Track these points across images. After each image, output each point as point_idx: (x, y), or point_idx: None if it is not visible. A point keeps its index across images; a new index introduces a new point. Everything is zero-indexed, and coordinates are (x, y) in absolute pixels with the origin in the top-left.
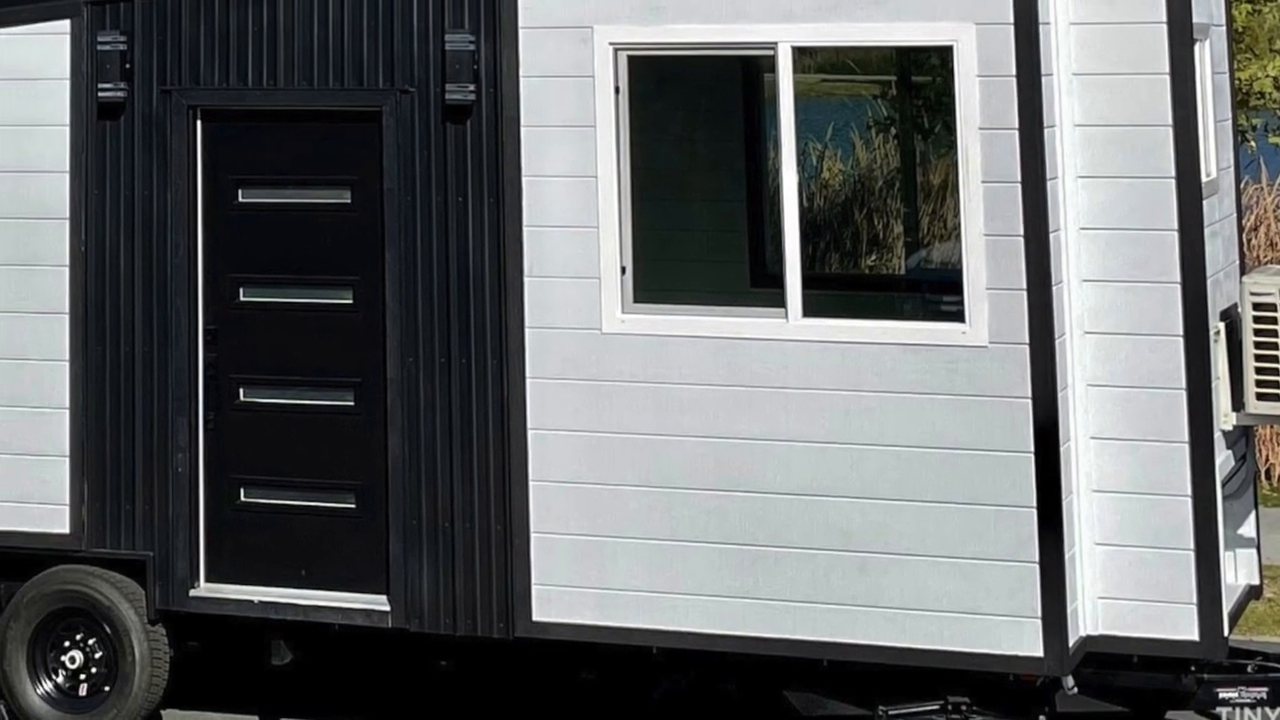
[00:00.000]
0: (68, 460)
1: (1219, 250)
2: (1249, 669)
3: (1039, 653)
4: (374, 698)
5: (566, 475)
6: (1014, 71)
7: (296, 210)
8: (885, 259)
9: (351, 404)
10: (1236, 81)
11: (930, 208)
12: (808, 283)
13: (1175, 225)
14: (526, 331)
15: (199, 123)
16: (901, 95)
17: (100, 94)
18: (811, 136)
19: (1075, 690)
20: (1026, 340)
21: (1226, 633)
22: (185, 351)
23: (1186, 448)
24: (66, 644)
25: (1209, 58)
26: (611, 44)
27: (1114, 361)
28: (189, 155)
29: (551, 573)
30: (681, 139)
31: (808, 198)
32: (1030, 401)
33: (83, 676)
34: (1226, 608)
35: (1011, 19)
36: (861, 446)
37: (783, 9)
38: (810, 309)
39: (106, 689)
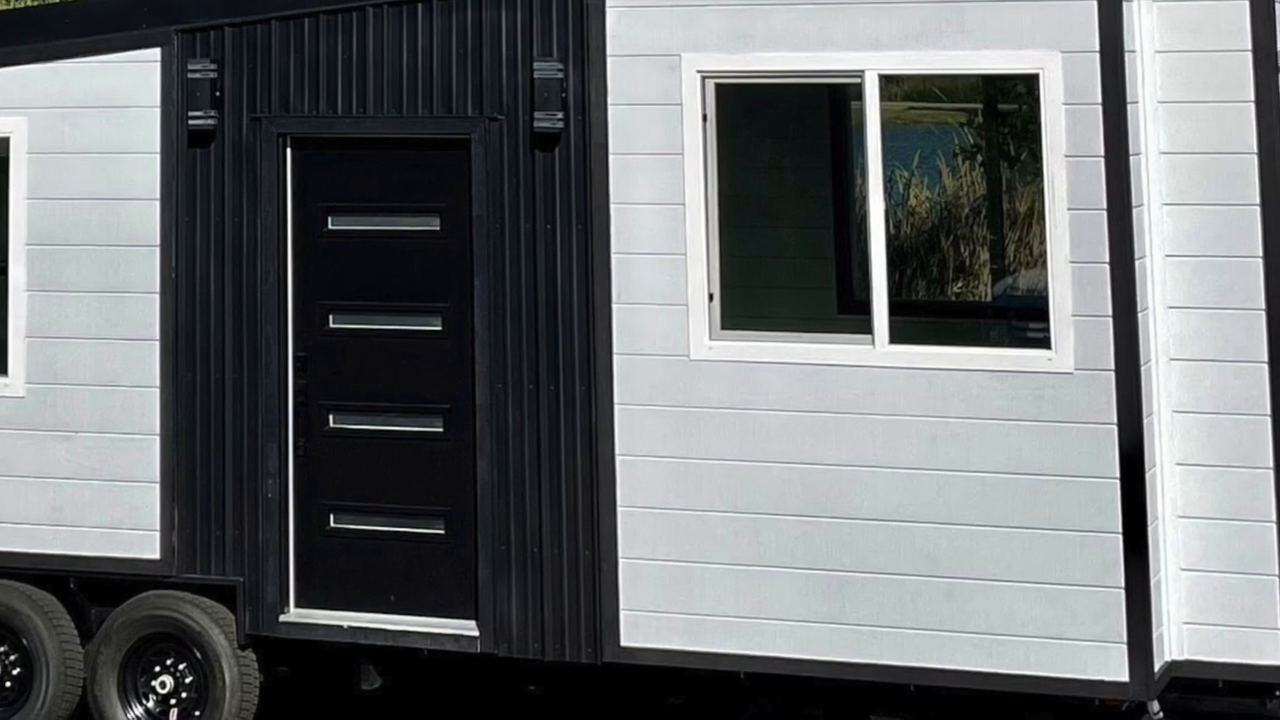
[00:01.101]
0: (158, 486)
1: None
2: None
3: (1124, 678)
4: None
5: (654, 501)
6: (1100, 99)
7: (386, 237)
8: (971, 286)
9: (440, 430)
10: None
11: (1016, 235)
12: (894, 309)
13: (1260, 252)
14: (615, 358)
15: (289, 150)
16: (988, 123)
17: (190, 122)
18: (898, 164)
19: (1160, 715)
20: (1112, 367)
21: None
22: (275, 378)
23: (1271, 473)
24: (157, 669)
25: None
26: (699, 72)
27: (1199, 388)
28: (279, 182)
29: (639, 598)
30: (769, 166)
31: (894, 225)
32: (1116, 428)
33: (173, 701)
34: None
35: (1097, 47)
36: (948, 472)
37: (870, 37)
38: (897, 336)
39: (197, 714)
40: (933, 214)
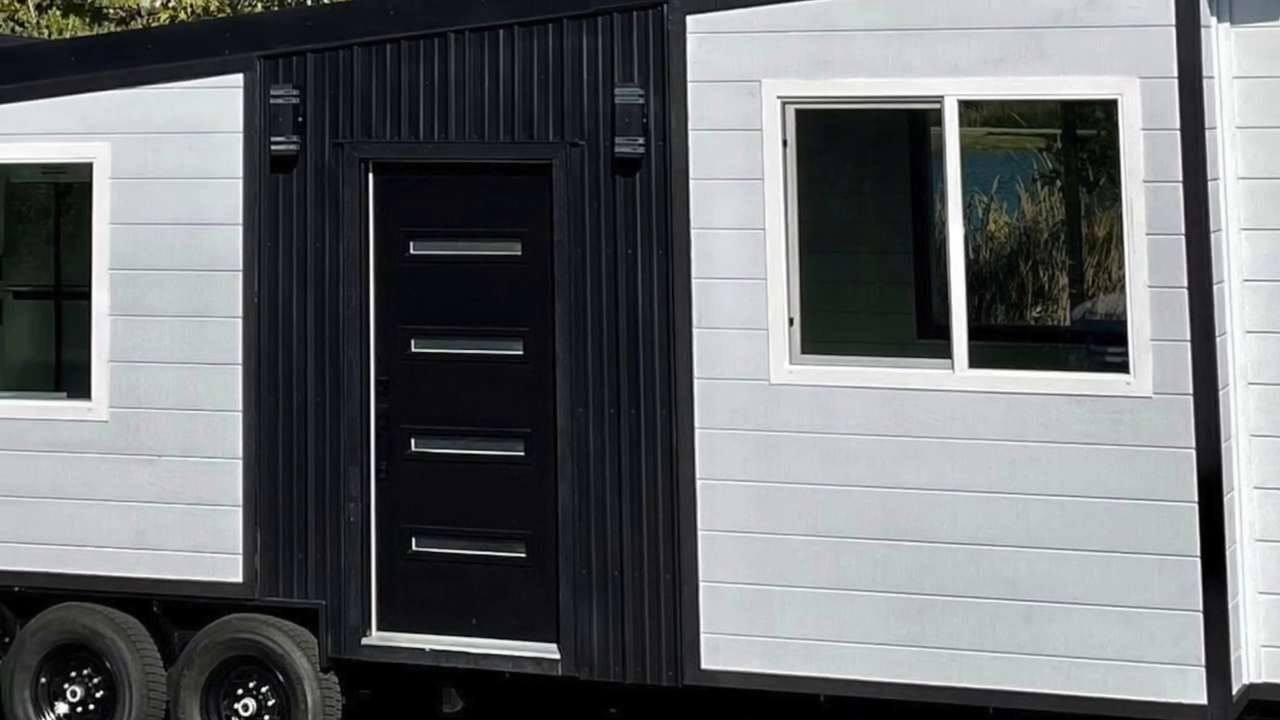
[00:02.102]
0: (241, 510)
1: None
2: None
3: (1203, 700)
4: None
5: (735, 524)
6: (1178, 125)
7: (467, 262)
8: (1050, 310)
9: (522, 454)
10: None
11: (1095, 260)
12: (974, 334)
13: None
14: (695, 382)
15: (370, 175)
16: (1066, 148)
17: (273, 147)
18: (978, 189)
19: None
20: (1190, 391)
21: None
22: (357, 402)
23: None
24: (240, 691)
25: None
26: (779, 97)
27: (1276, 412)
28: (361, 208)
29: (720, 621)
30: (849, 191)
31: (974, 250)
32: (1194, 452)
33: None
34: None
35: (1176, 73)
36: (1027, 496)
37: (949, 63)
38: (976, 360)
39: None
40: (1012, 239)
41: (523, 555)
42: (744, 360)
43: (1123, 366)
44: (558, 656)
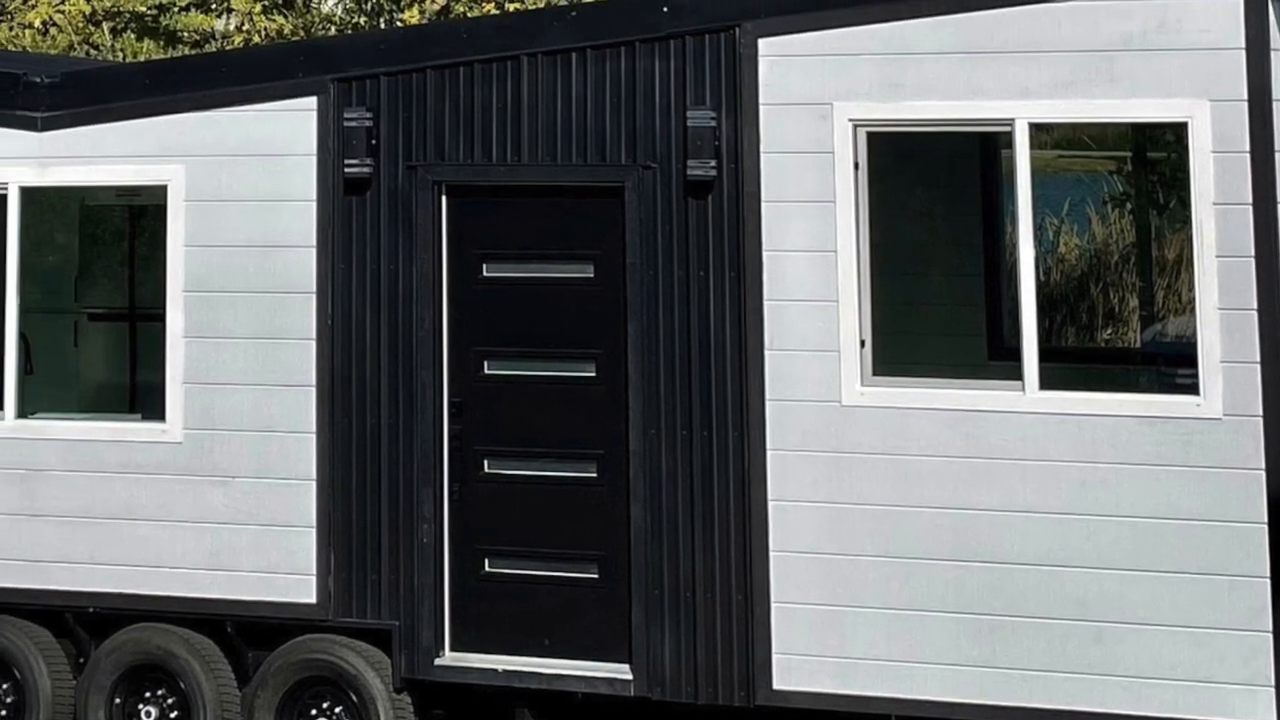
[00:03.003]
0: (314, 531)
1: None
2: None
3: None
4: None
5: (806, 545)
6: (1248, 147)
7: (540, 284)
8: (1120, 332)
9: (594, 475)
10: None
11: (1165, 282)
12: (1044, 356)
13: None
14: (767, 404)
15: (444, 198)
16: (1137, 171)
17: (346, 169)
18: (1048, 211)
19: None
20: (1260, 413)
21: None
22: (431, 423)
23: None
24: (313, 712)
25: None
26: (851, 120)
27: None
28: (434, 230)
29: (792, 641)
30: (920, 214)
31: (1044, 272)
32: (1264, 473)
33: None
34: None
35: (1245, 95)
36: (1097, 517)
37: (1019, 86)
38: (1047, 382)
39: None
40: (1082, 261)
41: (595, 576)
42: (815, 382)
43: (1193, 388)
44: (630, 677)
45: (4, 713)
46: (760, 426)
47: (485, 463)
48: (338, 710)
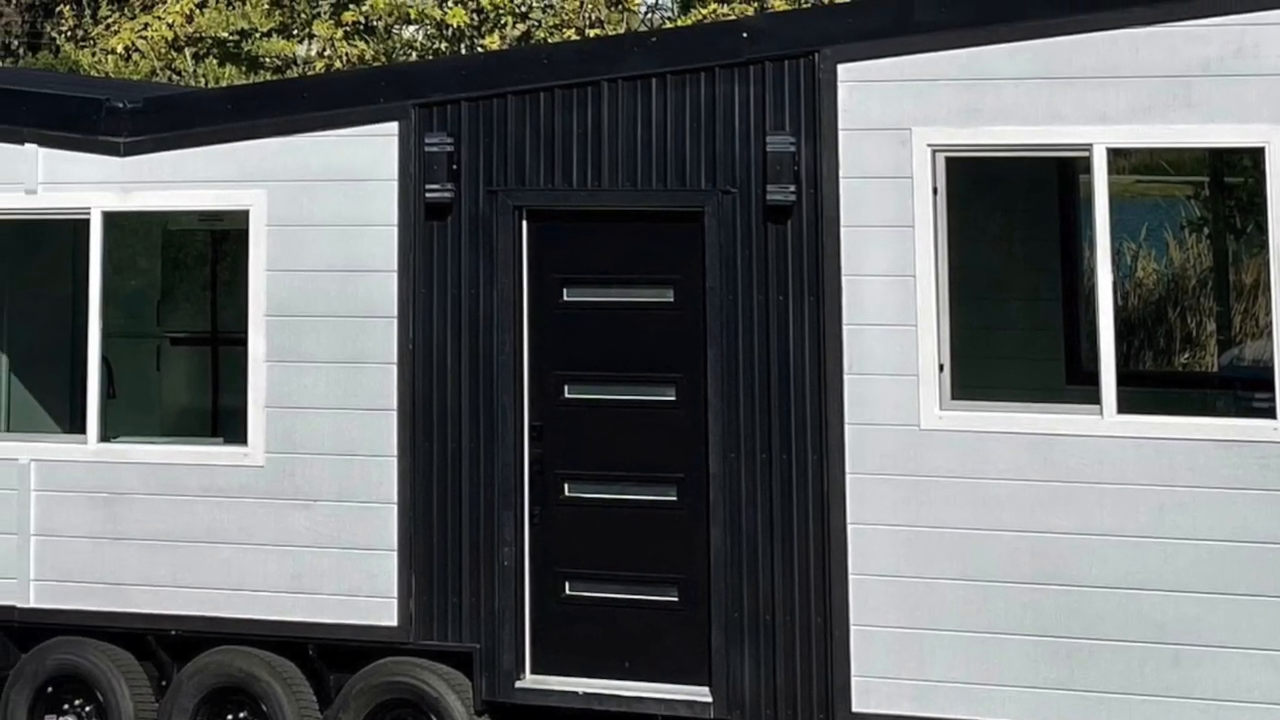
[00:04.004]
0: (396, 554)
1: None
2: None
3: None
4: None
5: (885, 569)
6: None
7: (620, 309)
8: (1198, 356)
9: (674, 499)
10: None
11: (1242, 306)
12: (1122, 380)
13: None
14: (846, 427)
15: (524, 222)
16: (1214, 196)
17: (428, 194)
18: (1126, 236)
19: None
20: None
21: None
22: (511, 447)
23: None
24: None
25: None
26: (930, 145)
27: None
28: (515, 254)
29: (870, 664)
30: (998, 238)
31: (1122, 296)
32: None
33: None
34: None
35: None
36: (1175, 540)
37: (1097, 111)
38: (1125, 406)
39: None
40: (1160, 286)
41: (675, 599)
42: (894, 406)
43: (1270, 412)
44: (709, 699)
45: None
46: (839, 450)
47: (565, 486)
48: None
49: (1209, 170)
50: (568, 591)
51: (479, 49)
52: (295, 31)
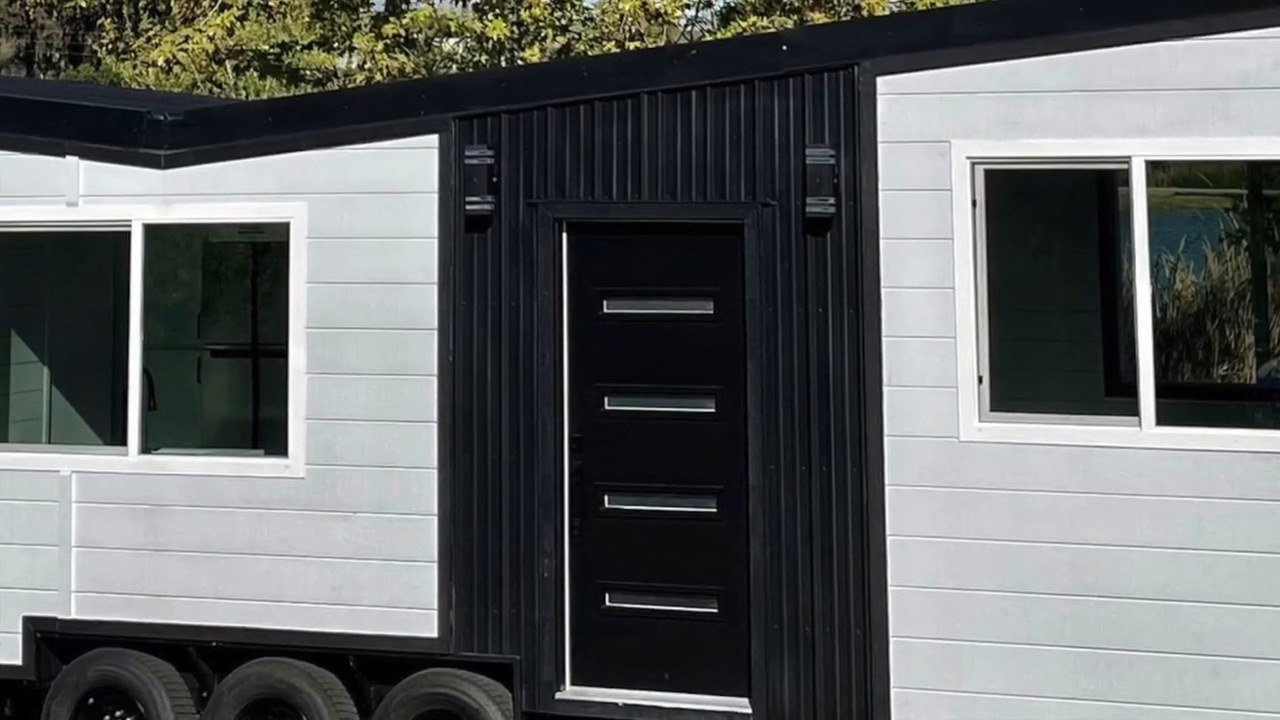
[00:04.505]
0: (436, 565)
1: None
2: None
3: None
4: None
5: (924, 580)
6: None
7: (660, 321)
8: (1236, 369)
9: (714, 510)
10: None
11: None
12: (1161, 392)
13: None
14: (885, 439)
15: (564, 234)
16: (1253, 208)
17: (468, 207)
18: (1164, 248)
19: None
20: None
21: None
22: (551, 459)
23: None
24: None
25: None
26: (969, 158)
27: None
28: (555, 267)
29: (910, 676)
30: (1037, 251)
31: (1161, 309)
32: None
33: None
34: None
35: None
36: (1214, 552)
37: (1136, 124)
38: (1164, 418)
39: None
40: (1198, 298)
41: (715, 610)
42: (934, 418)
43: None
44: (749, 711)
45: None
46: (879, 462)
47: (605, 498)
48: None
49: (1247, 182)
50: (608, 603)
51: (519, 62)
52: (336, 44)
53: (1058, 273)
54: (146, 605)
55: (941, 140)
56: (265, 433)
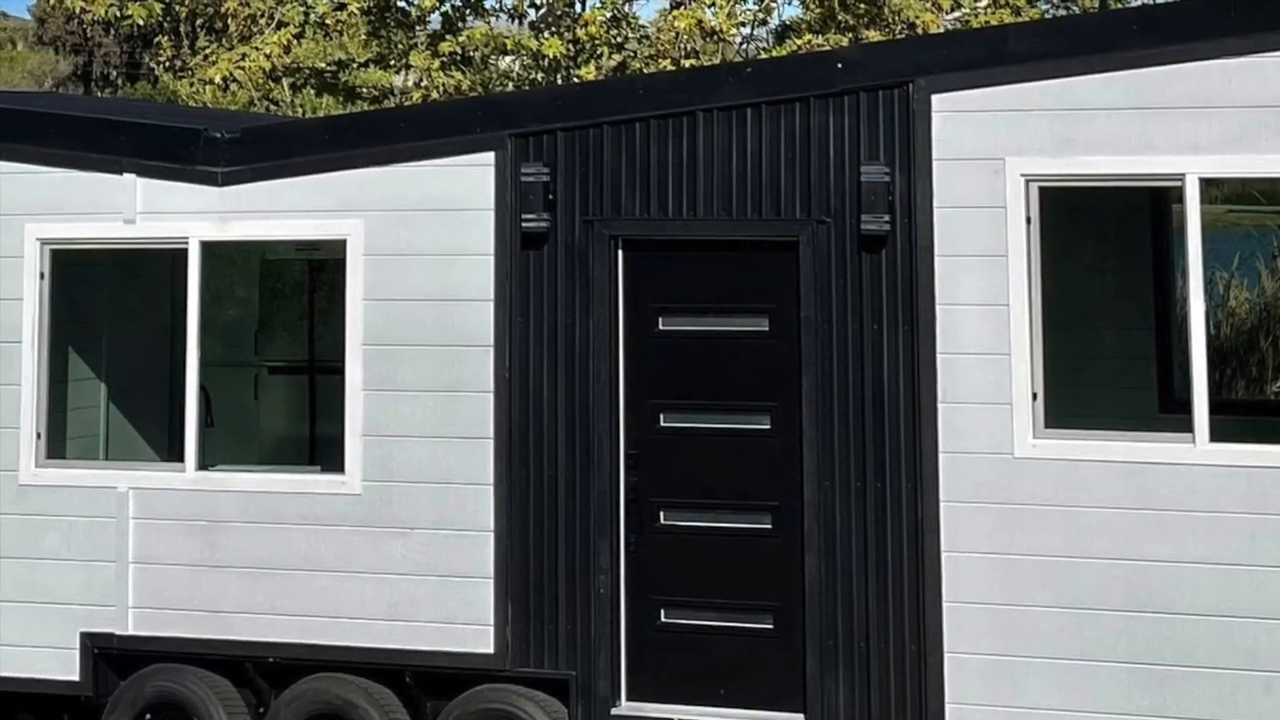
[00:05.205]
0: (492, 582)
1: None
2: None
3: None
4: None
5: (979, 596)
6: None
7: (715, 338)
8: None
9: (769, 526)
10: None
11: None
12: (1215, 408)
13: None
14: (940, 456)
15: (620, 252)
16: None
17: (524, 224)
18: (1218, 265)
19: None
20: None
21: None
22: (607, 475)
23: None
24: None
25: None
26: (1023, 175)
27: None
28: (610, 284)
29: (964, 692)
30: (1091, 268)
31: (1214, 325)
32: None
33: None
34: None
35: None
36: (1267, 568)
37: (1190, 141)
38: (1217, 434)
39: None
40: (1252, 315)
41: (770, 626)
42: (988, 434)
43: None
44: None
45: None
46: (933, 478)
47: (661, 514)
48: None
49: None
50: (663, 619)
51: (575, 79)
52: (392, 62)
53: (1111, 289)
54: (203, 621)
55: (996, 158)
56: (322, 449)
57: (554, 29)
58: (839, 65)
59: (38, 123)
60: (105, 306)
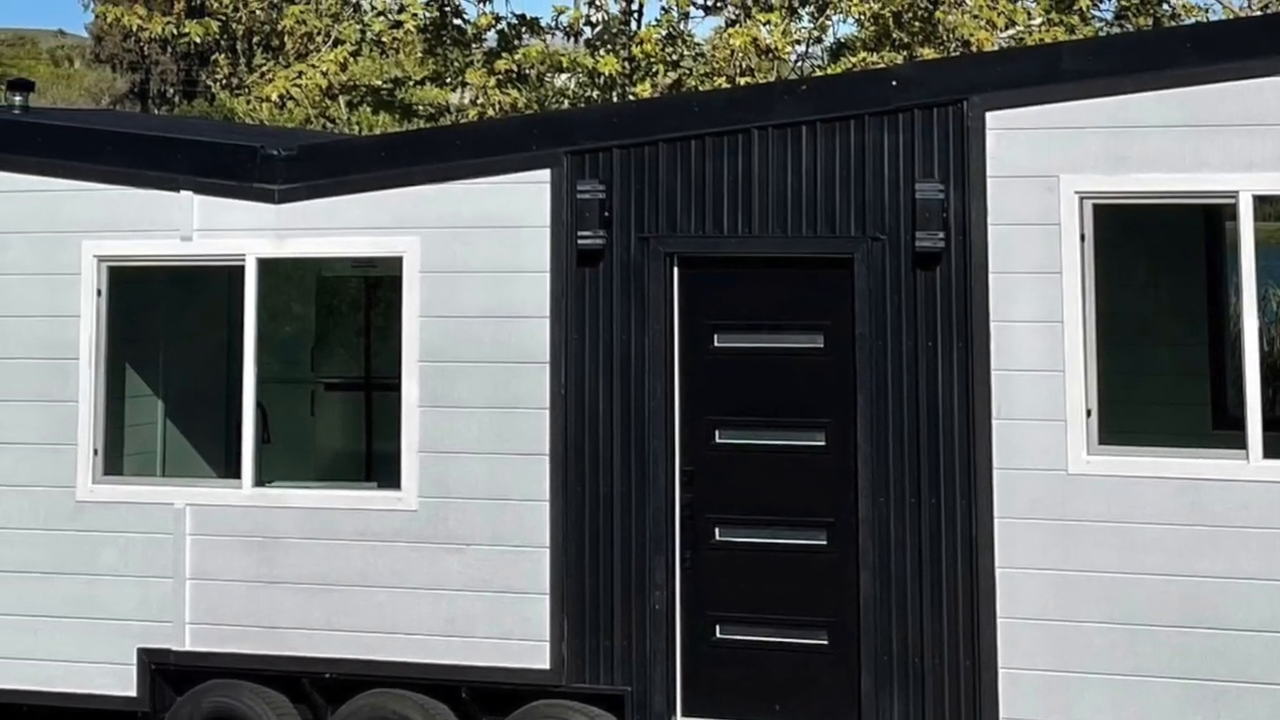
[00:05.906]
0: (548, 598)
1: None
2: None
3: None
4: None
5: (1033, 612)
6: None
7: (770, 354)
8: None
9: (824, 543)
10: None
11: None
12: (1268, 425)
13: None
14: (994, 472)
15: (675, 269)
16: None
17: (580, 241)
18: (1272, 282)
19: None
20: None
21: None
22: (663, 492)
23: None
24: None
25: None
26: (1077, 192)
27: None
28: (666, 301)
29: (1018, 707)
30: (1145, 284)
31: (1268, 342)
32: None
33: None
34: None
35: None
36: None
37: (1243, 158)
38: (1271, 451)
39: None
40: None
41: (825, 642)
42: (1042, 451)
43: None
44: None
45: None
46: (988, 494)
47: (716, 530)
48: None
49: None
50: (718, 634)
51: (630, 97)
52: (448, 79)
53: (1165, 306)
54: (260, 637)
55: (1050, 175)
56: (378, 465)
57: (609, 47)
58: (894, 83)
59: (95, 140)
60: (162, 323)
